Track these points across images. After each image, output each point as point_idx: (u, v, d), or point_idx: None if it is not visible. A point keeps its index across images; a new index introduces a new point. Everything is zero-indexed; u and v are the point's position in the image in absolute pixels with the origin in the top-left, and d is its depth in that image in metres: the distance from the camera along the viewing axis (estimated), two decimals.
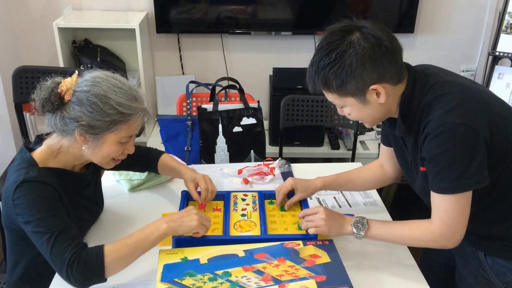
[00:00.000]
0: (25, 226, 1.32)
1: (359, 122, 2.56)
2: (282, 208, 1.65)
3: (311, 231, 1.45)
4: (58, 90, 1.34)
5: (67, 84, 1.35)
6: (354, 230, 1.42)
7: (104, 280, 1.30)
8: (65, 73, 1.43)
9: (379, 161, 1.69)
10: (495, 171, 1.29)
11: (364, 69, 1.25)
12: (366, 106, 1.32)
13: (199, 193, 1.66)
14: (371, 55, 1.24)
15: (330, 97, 1.35)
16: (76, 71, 1.42)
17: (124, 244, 1.32)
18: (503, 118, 1.30)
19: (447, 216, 1.30)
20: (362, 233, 1.41)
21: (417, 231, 1.37)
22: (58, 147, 1.41)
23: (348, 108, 1.35)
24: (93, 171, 1.61)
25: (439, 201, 1.30)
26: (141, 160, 1.74)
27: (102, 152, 1.41)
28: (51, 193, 1.35)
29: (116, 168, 1.57)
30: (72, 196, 1.46)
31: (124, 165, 1.59)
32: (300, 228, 1.52)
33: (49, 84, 1.36)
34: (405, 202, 2.79)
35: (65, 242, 1.29)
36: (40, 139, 1.48)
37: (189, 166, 1.83)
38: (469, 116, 1.24)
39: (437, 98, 1.28)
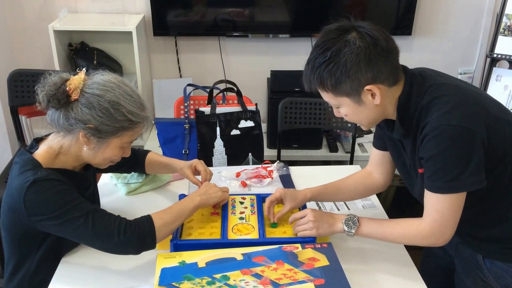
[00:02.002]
0: (46, 222, 1.33)
1: (357, 125, 2.56)
2: (272, 225, 1.56)
3: (301, 234, 1.46)
4: (66, 88, 1.33)
5: (75, 82, 1.34)
6: (345, 228, 1.43)
7: (155, 246, 1.39)
8: None
9: (367, 169, 1.66)
10: (492, 173, 1.28)
11: (359, 69, 1.24)
12: (361, 107, 1.32)
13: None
14: (366, 54, 1.24)
15: (326, 96, 1.34)
16: (84, 69, 1.42)
17: (167, 212, 1.43)
18: (500, 120, 1.30)
19: (438, 215, 1.30)
20: (353, 231, 1.42)
21: (408, 229, 1.37)
22: (58, 147, 1.41)
23: (344, 108, 1.35)
24: (93, 173, 1.60)
25: (432, 200, 1.30)
26: (128, 161, 1.71)
27: (104, 155, 1.43)
28: (67, 186, 1.36)
29: (104, 170, 1.58)
30: None
31: (111, 168, 1.58)
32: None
33: (56, 79, 1.34)
34: (403, 204, 2.78)
35: (105, 216, 1.36)
36: (36, 142, 1.47)
37: None
38: (466, 118, 1.23)
39: (434, 100, 1.28)
